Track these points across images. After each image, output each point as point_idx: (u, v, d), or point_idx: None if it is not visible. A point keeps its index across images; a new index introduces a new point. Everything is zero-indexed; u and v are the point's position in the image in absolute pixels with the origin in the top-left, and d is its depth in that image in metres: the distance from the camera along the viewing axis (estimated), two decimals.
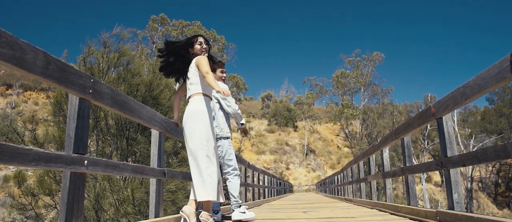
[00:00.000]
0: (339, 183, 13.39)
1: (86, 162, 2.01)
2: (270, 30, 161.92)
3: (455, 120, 30.78)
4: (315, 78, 43.63)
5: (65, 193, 1.95)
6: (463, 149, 30.90)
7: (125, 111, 2.54)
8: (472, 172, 34.25)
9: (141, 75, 6.93)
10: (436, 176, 38.83)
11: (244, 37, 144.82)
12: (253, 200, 8.93)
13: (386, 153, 5.31)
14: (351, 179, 9.39)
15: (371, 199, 6.53)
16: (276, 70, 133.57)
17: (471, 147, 31.99)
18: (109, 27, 6.95)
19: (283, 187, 21.92)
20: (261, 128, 46.70)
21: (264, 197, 11.84)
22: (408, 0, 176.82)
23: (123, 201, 5.75)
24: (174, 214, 3.32)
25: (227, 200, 5.72)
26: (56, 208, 6.05)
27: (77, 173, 1.98)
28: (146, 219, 4.17)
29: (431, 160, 32.20)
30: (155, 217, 2.97)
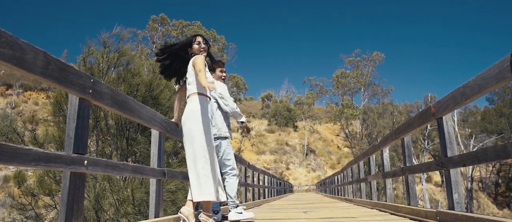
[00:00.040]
0: (339, 183, 13.39)
1: (86, 162, 2.01)
2: (270, 30, 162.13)
3: (455, 120, 30.77)
4: (315, 78, 43.68)
5: (65, 193, 1.95)
6: (463, 149, 30.89)
7: (125, 111, 2.54)
8: (472, 172, 34.25)
9: (141, 75, 6.93)
10: (436, 176, 38.82)
11: (244, 37, 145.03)
12: (253, 200, 8.93)
13: (386, 153, 5.31)
14: (351, 179, 9.38)
15: (371, 199, 6.53)
16: (276, 70, 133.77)
17: (471, 147, 31.98)
18: (109, 27, 6.97)
19: (283, 187, 21.92)
20: (261, 128, 46.70)
21: (264, 197, 11.84)
22: (408, 0, 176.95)
23: (123, 201, 5.75)
24: (174, 214, 3.31)
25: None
26: (56, 208, 6.05)
27: (77, 173, 1.98)
28: (146, 219, 4.16)
29: (431, 160, 32.19)
30: (155, 217, 2.97)
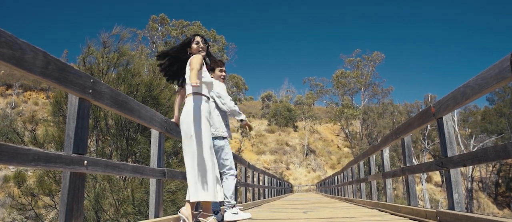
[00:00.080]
0: (339, 183, 13.39)
1: (85, 162, 2.01)
2: (270, 30, 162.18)
3: (455, 120, 30.77)
4: (315, 78, 43.69)
5: (64, 193, 1.95)
6: (463, 149, 30.89)
7: (125, 111, 2.54)
8: (472, 172, 34.25)
9: (141, 75, 6.92)
10: (437, 176, 38.82)
11: (244, 37, 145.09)
12: (253, 200, 8.93)
13: (386, 153, 5.30)
14: (351, 179, 9.38)
15: (371, 199, 6.53)
16: (276, 70, 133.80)
17: (471, 147, 31.98)
18: (109, 27, 6.95)
19: (283, 187, 21.91)
20: (261, 128, 46.69)
21: (264, 197, 11.84)
22: (408, 0, 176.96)
23: (123, 201, 5.75)
24: (174, 214, 3.31)
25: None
26: (56, 208, 6.04)
27: (77, 173, 1.98)
28: (146, 219, 4.16)
29: (431, 160, 32.19)
30: (155, 217, 2.97)
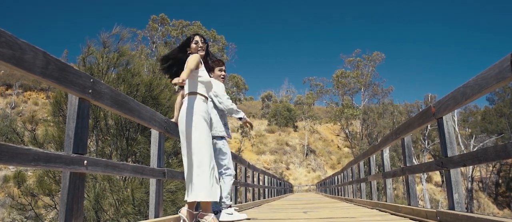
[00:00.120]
0: (339, 183, 13.38)
1: (85, 162, 2.00)
2: (270, 30, 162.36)
3: (455, 119, 30.76)
4: (315, 78, 43.71)
5: (64, 193, 1.94)
6: (463, 149, 30.89)
7: (125, 111, 2.54)
8: (472, 172, 34.25)
9: (141, 75, 6.92)
10: (437, 176, 38.82)
11: (244, 37, 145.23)
12: (253, 200, 8.93)
13: (387, 153, 5.30)
14: (351, 179, 9.38)
15: (372, 199, 6.52)
16: (276, 70, 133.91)
17: (471, 147, 31.98)
18: (109, 27, 6.93)
19: (283, 187, 21.91)
20: (261, 128, 46.69)
21: (264, 197, 11.83)
22: (408, 0, 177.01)
23: (123, 201, 5.75)
24: (174, 214, 3.31)
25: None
26: (56, 208, 6.04)
27: (77, 173, 1.98)
28: (146, 219, 4.16)
29: (431, 160, 32.19)
30: (155, 217, 2.97)
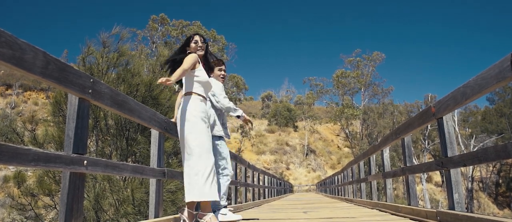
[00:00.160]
0: (340, 183, 13.38)
1: (85, 162, 2.00)
2: (270, 30, 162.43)
3: (455, 119, 30.75)
4: (315, 78, 43.68)
5: (64, 193, 1.94)
6: (463, 149, 30.88)
7: (124, 110, 2.54)
8: (472, 172, 34.24)
9: (141, 75, 6.91)
10: (437, 176, 38.82)
11: (244, 37, 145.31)
12: (253, 200, 8.93)
13: (387, 153, 5.30)
14: (351, 179, 9.38)
15: (372, 199, 6.52)
16: (276, 70, 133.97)
17: (471, 147, 31.97)
18: (109, 27, 6.92)
19: (283, 187, 21.91)
20: (261, 128, 46.68)
21: (264, 197, 11.84)
22: (408, 0, 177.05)
23: (123, 201, 5.75)
24: (174, 214, 3.31)
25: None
26: (56, 208, 6.04)
27: (77, 173, 1.98)
28: (146, 219, 4.16)
29: (431, 160, 32.19)
30: (155, 217, 2.97)
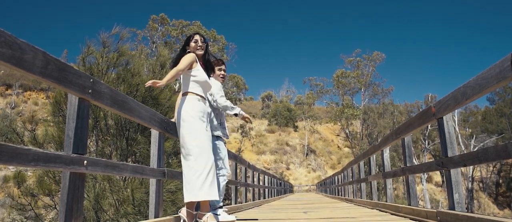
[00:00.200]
0: (340, 183, 13.38)
1: (85, 162, 2.00)
2: (270, 30, 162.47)
3: (455, 119, 30.74)
4: (315, 78, 43.68)
5: (64, 193, 1.94)
6: (464, 149, 30.87)
7: (124, 110, 2.54)
8: (473, 172, 34.23)
9: (141, 75, 6.91)
10: (437, 176, 38.80)
11: (244, 37, 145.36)
12: (253, 200, 8.93)
13: (387, 153, 5.30)
14: (351, 179, 9.37)
15: (372, 199, 6.52)
16: (276, 70, 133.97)
17: (472, 147, 31.97)
18: (109, 27, 6.91)
19: (283, 187, 21.91)
20: (261, 128, 46.67)
21: (264, 197, 11.84)
22: (408, 0, 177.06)
23: (123, 201, 5.74)
24: (174, 214, 3.31)
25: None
26: (56, 208, 6.04)
27: (77, 173, 1.98)
28: (146, 219, 4.16)
29: (431, 160, 32.18)
30: (155, 217, 2.97)
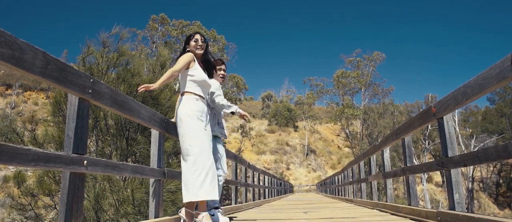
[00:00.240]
0: (340, 183, 13.38)
1: (85, 162, 2.00)
2: (270, 30, 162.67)
3: (456, 119, 30.73)
4: (315, 78, 43.67)
5: (64, 194, 1.94)
6: (464, 149, 30.87)
7: (124, 110, 2.53)
8: (473, 172, 34.22)
9: (141, 75, 6.91)
10: (437, 176, 38.79)
11: (244, 37, 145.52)
12: (254, 200, 8.93)
13: (387, 153, 5.30)
14: (351, 179, 9.37)
15: (372, 200, 6.52)
16: (276, 70, 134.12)
17: (472, 147, 31.96)
18: (109, 27, 6.90)
19: (283, 187, 21.90)
20: (261, 128, 46.67)
21: (265, 197, 11.84)
22: (408, 0, 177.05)
23: (123, 201, 5.74)
24: (174, 214, 3.31)
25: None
26: (56, 208, 6.04)
27: (77, 173, 1.98)
28: (146, 219, 4.16)
29: (432, 160, 32.17)
30: (155, 217, 2.97)
